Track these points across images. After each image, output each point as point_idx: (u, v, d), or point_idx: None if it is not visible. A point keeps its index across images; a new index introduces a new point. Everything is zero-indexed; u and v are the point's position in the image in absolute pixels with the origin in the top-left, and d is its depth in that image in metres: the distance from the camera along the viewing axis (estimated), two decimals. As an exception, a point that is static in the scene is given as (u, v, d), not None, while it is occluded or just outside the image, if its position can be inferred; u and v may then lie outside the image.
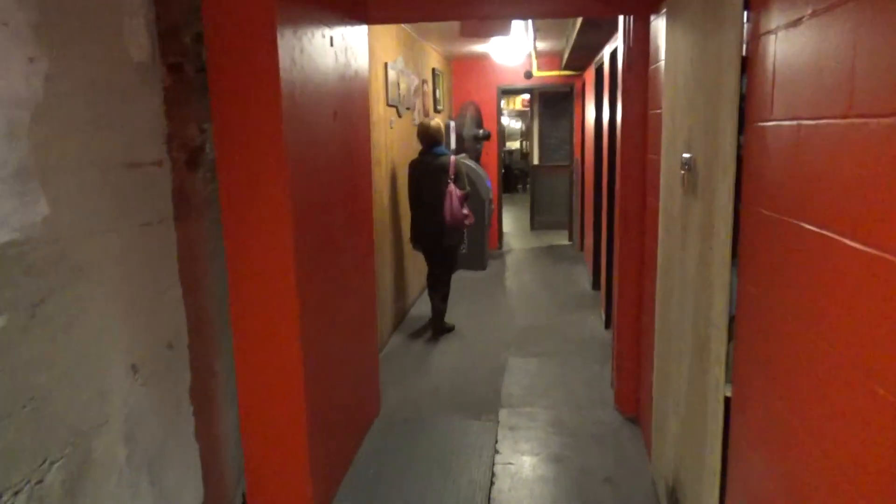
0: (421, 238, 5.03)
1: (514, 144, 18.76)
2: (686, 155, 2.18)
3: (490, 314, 5.74)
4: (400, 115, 5.40)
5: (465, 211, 4.94)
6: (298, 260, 2.45)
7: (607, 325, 5.16)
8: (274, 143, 2.34)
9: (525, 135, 18.90)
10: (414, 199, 5.00)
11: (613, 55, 4.62)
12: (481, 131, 8.12)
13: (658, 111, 2.97)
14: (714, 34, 1.89)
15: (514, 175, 16.91)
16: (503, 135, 9.68)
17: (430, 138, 4.98)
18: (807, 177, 1.33)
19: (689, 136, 2.19)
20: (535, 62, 7.64)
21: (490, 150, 8.57)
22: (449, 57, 8.08)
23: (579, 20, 4.52)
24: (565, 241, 9.25)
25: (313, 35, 2.66)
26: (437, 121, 5.11)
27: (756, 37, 1.61)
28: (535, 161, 10.56)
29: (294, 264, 2.41)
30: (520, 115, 18.65)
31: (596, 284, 6.35)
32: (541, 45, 7.03)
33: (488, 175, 7.79)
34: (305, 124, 2.56)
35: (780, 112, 1.47)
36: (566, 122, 10.04)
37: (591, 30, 4.45)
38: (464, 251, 7.40)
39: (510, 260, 8.18)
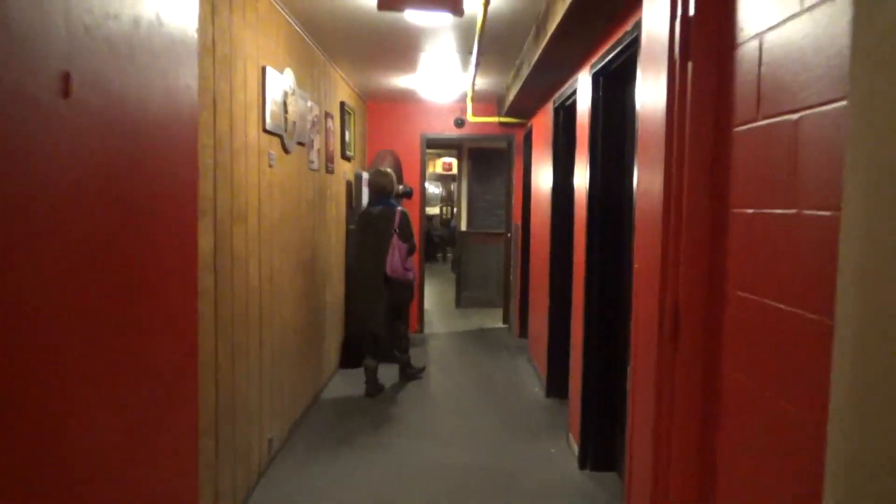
0: (362, 293, 4.94)
1: (433, 210, 17.46)
2: None
3: (411, 443, 3.98)
4: (287, 151, 3.73)
5: (408, 265, 4.85)
6: None
7: (584, 463, 3.53)
8: None
9: (446, 200, 17.68)
10: (358, 250, 4.98)
11: (601, 73, 3.19)
12: (401, 187, 6.54)
13: (773, 120, 1.46)
14: None
15: (433, 243, 15.50)
16: (426, 194, 8.21)
17: (379, 188, 4.92)
18: None
19: None
20: (469, 106, 6.23)
21: (412, 211, 6.98)
22: (364, 94, 6.56)
23: (555, 23, 3.07)
24: (499, 324, 7.68)
25: None
26: (389, 170, 5.08)
27: None
28: (463, 227, 9.09)
29: None
30: (440, 178, 17.44)
31: (554, 391, 4.74)
32: (479, 83, 5.63)
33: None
34: None
35: None
36: (500, 183, 8.70)
37: (574, 30, 3.00)
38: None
39: (434, 348, 6.49)
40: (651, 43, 2.08)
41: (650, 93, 2.10)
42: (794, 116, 1.37)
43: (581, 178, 3.65)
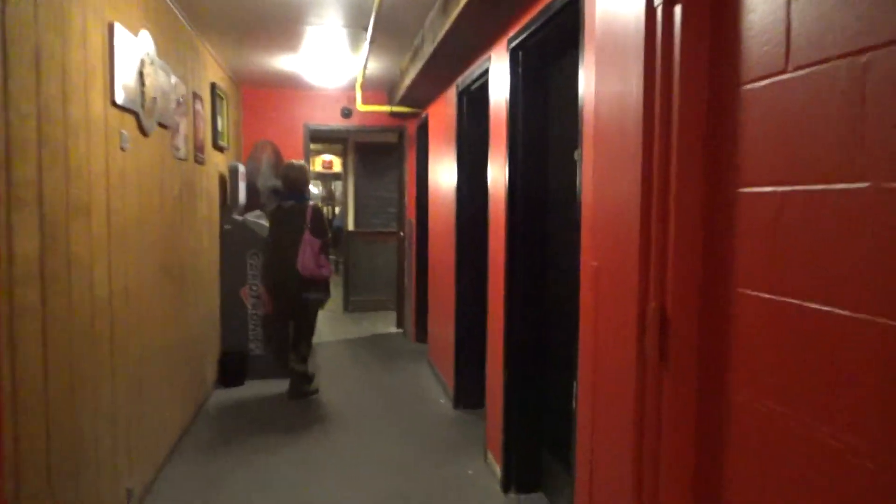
0: (275, 291, 4.78)
1: (313, 209, 16.57)
2: None
3: (300, 477, 3.41)
4: (145, 133, 3.04)
5: (321, 262, 4.60)
6: None
7: (507, 485, 3.15)
8: None
9: (328, 199, 16.90)
10: (271, 248, 4.80)
11: (521, 48, 2.81)
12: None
13: (815, 68, 1.12)
14: None
15: (315, 244, 14.68)
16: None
17: (292, 183, 4.73)
18: None
19: None
20: (359, 94, 5.71)
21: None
22: (237, 77, 5.84)
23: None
24: (393, 328, 7.20)
25: None
26: (302, 163, 4.94)
27: None
28: (350, 226, 8.51)
29: None
30: (320, 177, 16.62)
31: (463, 401, 4.35)
32: (371, 66, 5.13)
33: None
34: None
35: None
36: (390, 180, 8.24)
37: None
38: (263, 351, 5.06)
39: (325, 358, 5.90)
40: None
41: (612, 53, 1.73)
42: (862, 58, 1.03)
43: (497, 170, 3.27)
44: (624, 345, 1.64)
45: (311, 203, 4.71)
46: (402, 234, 6.78)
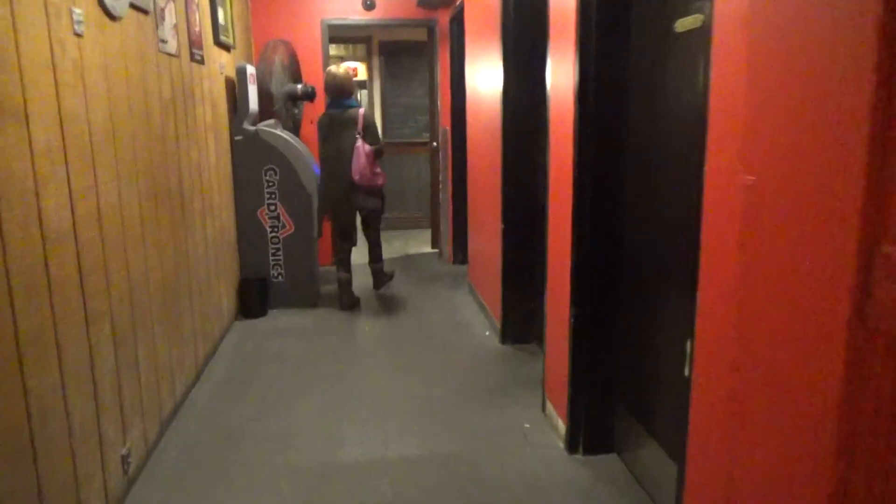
0: (329, 202, 4.53)
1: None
2: None
3: (336, 421, 2.94)
4: (111, 15, 2.37)
5: (378, 170, 4.46)
6: None
7: (574, 445, 2.63)
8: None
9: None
10: (322, 158, 4.53)
11: None
12: (300, 87, 5.21)
13: None
14: None
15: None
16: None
17: (338, 89, 4.46)
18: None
19: None
20: (382, -22, 4.88)
21: (314, 117, 5.68)
22: (242, -36, 5.03)
23: None
24: (428, 249, 6.65)
25: None
26: (345, 68, 4.58)
27: None
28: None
29: None
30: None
31: (511, 335, 3.82)
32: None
33: (315, 156, 4.92)
34: None
35: None
36: (418, 84, 7.45)
37: None
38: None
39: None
40: None
41: None
42: None
43: (561, 55, 2.55)
44: (814, 304, 1.01)
45: (362, 109, 4.45)
46: (435, 144, 6.08)
